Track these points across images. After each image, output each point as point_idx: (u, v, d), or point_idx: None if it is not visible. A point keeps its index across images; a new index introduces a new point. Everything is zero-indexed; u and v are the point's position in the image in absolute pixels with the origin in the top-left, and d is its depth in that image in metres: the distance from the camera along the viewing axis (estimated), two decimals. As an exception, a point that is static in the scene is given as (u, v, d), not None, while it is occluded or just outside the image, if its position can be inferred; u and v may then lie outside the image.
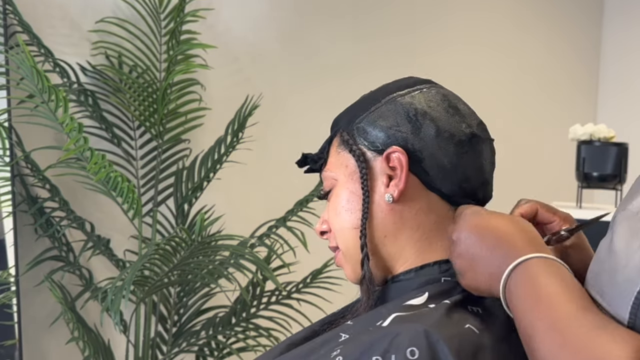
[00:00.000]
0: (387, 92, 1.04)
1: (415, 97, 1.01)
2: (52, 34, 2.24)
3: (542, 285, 0.82)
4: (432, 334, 0.84)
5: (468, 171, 0.99)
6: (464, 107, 1.03)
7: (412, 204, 0.99)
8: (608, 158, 2.91)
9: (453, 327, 0.87)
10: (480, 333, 0.88)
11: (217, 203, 2.43)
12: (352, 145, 1.02)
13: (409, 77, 1.08)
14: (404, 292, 0.97)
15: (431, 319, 0.88)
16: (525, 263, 0.85)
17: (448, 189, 0.99)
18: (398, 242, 1.00)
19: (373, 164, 1.01)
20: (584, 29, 4.16)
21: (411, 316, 0.90)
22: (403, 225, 1.00)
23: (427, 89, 1.03)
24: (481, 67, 3.58)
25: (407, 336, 0.84)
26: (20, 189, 2.15)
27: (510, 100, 3.74)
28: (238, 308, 2.30)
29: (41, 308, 2.24)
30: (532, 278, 0.83)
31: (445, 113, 1.00)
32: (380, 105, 1.02)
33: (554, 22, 3.97)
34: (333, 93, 2.87)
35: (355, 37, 3.03)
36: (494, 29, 3.67)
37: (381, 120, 1.01)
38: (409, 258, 1.00)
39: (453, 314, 0.90)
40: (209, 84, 2.48)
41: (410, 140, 0.99)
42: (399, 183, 0.98)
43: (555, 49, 3.97)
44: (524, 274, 0.84)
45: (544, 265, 0.84)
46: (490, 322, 0.91)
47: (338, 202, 1.03)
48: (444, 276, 0.97)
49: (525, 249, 0.86)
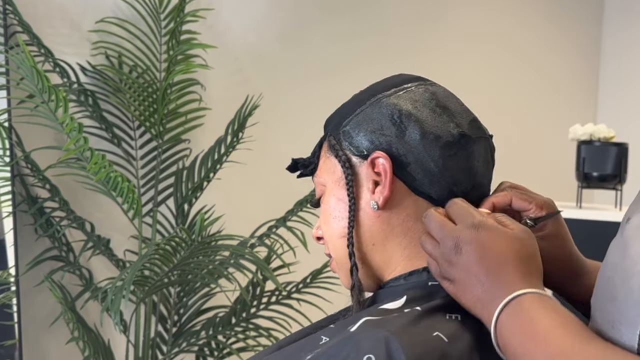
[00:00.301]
0: (372, 92, 1.00)
1: (401, 97, 0.97)
2: (52, 34, 2.24)
3: (537, 319, 0.80)
4: (392, 341, 0.81)
5: (457, 174, 0.95)
6: (455, 104, 0.98)
7: (399, 210, 0.96)
8: (608, 158, 2.91)
9: (418, 335, 0.84)
10: (449, 342, 0.84)
11: (217, 203, 2.43)
12: (338, 151, 0.98)
13: (398, 74, 1.03)
14: (391, 298, 0.94)
15: (396, 325, 0.84)
16: (519, 298, 0.82)
17: (437, 193, 0.95)
18: (387, 250, 0.97)
19: (359, 170, 0.97)
20: (584, 28, 4.16)
21: (378, 321, 0.87)
22: (391, 232, 0.96)
23: (415, 87, 0.99)
24: (481, 66, 3.58)
25: (367, 342, 0.82)
26: (20, 189, 2.15)
27: (510, 100, 3.74)
28: (238, 308, 2.30)
29: (41, 308, 2.24)
30: (526, 312, 0.81)
31: (431, 114, 0.96)
32: (365, 107, 0.98)
33: (554, 22, 3.97)
34: (333, 93, 2.87)
35: (355, 36, 3.03)
36: (494, 28, 3.67)
37: (365, 124, 0.97)
38: (398, 265, 0.96)
39: (423, 320, 0.87)
40: (209, 84, 2.48)
41: (394, 144, 0.95)
42: (383, 190, 0.94)
43: (555, 49, 3.97)
44: (517, 307, 0.82)
45: (538, 301, 0.82)
46: (467, 330, 0.87)
47: (326, 209, 1.01)
48: (432, 280, 0.93)
49: (521, 282, 0.83)
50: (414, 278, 0.95)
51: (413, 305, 0.90)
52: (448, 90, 1.01)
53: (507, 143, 3.47)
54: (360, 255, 0.98)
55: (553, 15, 3.96)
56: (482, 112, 1.10)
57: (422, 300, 0.91)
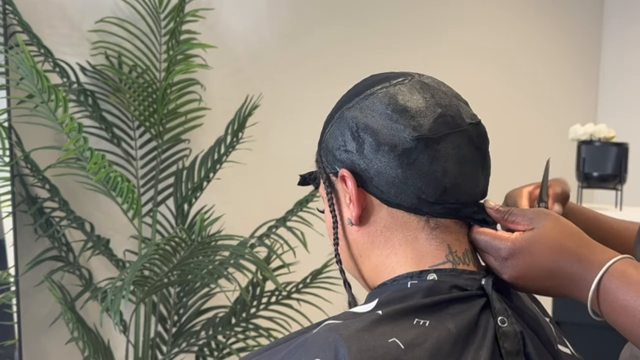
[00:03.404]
0: (339, 105, 0.98)
1: (361, 108, 0.94)
2: (52, 34, 2.24)
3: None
4: (341, 346, 0.80)
5: (419, 182, 0.90)
6: (418, 102, 0.92)
7: (376, 222, 0.94)
8: (608, 158, 2.91)
9: (371, 340, 0.82)
10: (406, 348, 0.82)
11: (217, 203, 2.43)
12: (320, 168, 0.98)
13: (370, 76, 1.00)
14: (366, 301, 0.93)
15: (350, 330, 0.83)
16: (617, 263, 0.86)
17: (407, 202, 0.92)
18: (372, 261, 0.96)
19: (337, 187, 0.97)
20: (584, 28, 4.16)
21: (336, 325, 0.85)
22: (372, 244, 0.95)
23: (377, 90, 0.95)
24: (481, 66, 3.58)
25: (316, 345, 0.82)
26: (20, 189, 2.14)
27: (510, 99, 3.74)
28: (238, 308, 2.30)
29: (41, 308, 2.24)
30: (626, 270, 0.85)
31: (387, 121, 0.91)
32: (334, 121, 0.97)
33: (554, 22, 3.97)
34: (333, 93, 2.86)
35: (355, 36, 3.03)
36: (494, 28, 3.67)
37: (333, 140, 0.96)
38: (383, 273, 0.95)
39: (381, 325, 0.84)
40: (209, 84, 2.48)
41: (356, 160, 0.93)
42: (353, 208, 0.94)
43: (555, 49, 3.97)
44: (619, 271, 0.85)
45: (629, 261, 0.86)
46: (432, 337, 0.84)
47: (327, 221, 1.01)
48: (412, 280, 0.91)
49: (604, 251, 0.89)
50: (396, 284, 0.93)
51: (378, 309, 0.88)
52: (419, 81, 0.96)
53: (507, 143, 3.47)
54: (354, 266, 0.99)
55: (553, 15, 3.96)
56: (482, 112, 1.09)
57: (392, 304, 0.88)
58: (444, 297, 0.89)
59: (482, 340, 0.87)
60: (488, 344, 0.87)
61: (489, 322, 0.89)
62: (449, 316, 0.87)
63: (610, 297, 0.85)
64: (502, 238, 0.92)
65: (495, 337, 0.89)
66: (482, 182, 0.96)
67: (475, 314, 0.89)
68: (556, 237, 0.89)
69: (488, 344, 0.87)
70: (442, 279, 0.91)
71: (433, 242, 0.93)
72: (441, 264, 0.92)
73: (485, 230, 0.94)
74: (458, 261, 0.93)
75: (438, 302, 0.88)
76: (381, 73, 0.99)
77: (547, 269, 0.89)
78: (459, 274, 0.92)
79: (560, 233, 0.90)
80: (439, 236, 0.93)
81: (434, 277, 0.91)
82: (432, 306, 0.88)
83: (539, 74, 3.88)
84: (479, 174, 0.95)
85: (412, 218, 0.93)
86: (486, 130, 0.97)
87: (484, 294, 0.91)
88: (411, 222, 0.93)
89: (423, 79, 0.96)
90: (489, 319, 0.90)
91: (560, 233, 0.90)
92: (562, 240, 0.89)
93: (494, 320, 0.89)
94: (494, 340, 0.88)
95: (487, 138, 0.97)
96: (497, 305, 0.90)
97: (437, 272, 0.91)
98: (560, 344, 0.97)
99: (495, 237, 0.92)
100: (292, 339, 0.91)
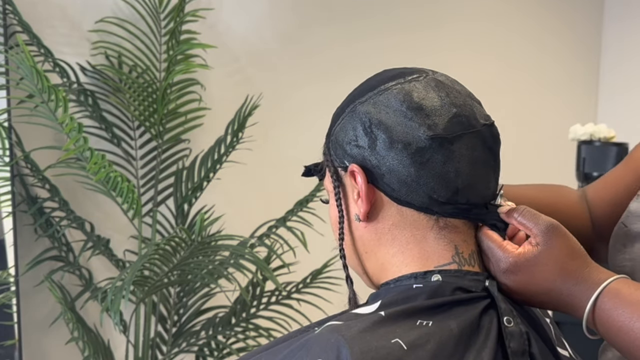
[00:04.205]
0: (351, 99, 0.96)
1: (375, 103, 0.92)
2: (52, 34, 2.24)
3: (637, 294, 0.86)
4: (344, 347, 0.80)
5: (432, 182, 0.89)
6: (434, 101, 0.91)
7: (384, 220, 0.93)
8: (608, 158, 2.91)
9: (373, 341, 0.81)
10: (408, 349, 0.81)
11: (217, 203, 2.43)
12: (328, 161, 0.96)
13: (383, 71, 0.98)
14: (369, 302, 0.92)
15: (352, 331, 0.83)
16: (613, 283, 0.87)
17: (418, 201, 0.90)
18: (378, 258, 0.95)
19: (345, 181, 0.96)
20: (585, 28, 4.15)
21: (339, 326, 0.85)
22: (379, 241, 0.93)
23: (392, 86, 0.93)
24: (480, 66, 3.58)
25: (319, 346, 0.82)
26: (20, 189, 2.15)
27: (510, 99, 3.74)
28: (238, 308, 2.30)
29: (41, 308, 2.24)
30: (621, 290, 0.86)
31: (402, 119, 0.90)
32: (345, 115, 0.95)
33: (554, 22, 3.97)
34: (333, 93, 2.86)
35: (355, 36, 3.03)
36: (494, 28, 3.67)
37: (343, 134, 0.94)
38: (389, 271, 0.94)
39: (384, 326, 0.84)
40: (209, 84, 2.48)
41: (367, 156, 0.91)
42: (361, 204, 0.92)
43: (555, 49, 3.97)
44: (614, 291, 0.87)
45: (630, 282, 0.88)
46: (435, 338, 0.84)
47: (331, 215, 0.99)
48: (417, 283, 0.90)
49: (600, 271, 0.90)
50: (400, 284, 0.93)
51: (381, 310, 0.88)
52: (434, 79, 0.94)
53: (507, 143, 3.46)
54: (358, 263, 0.98)
55: (553, 15, 3.96)
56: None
57: (395, 305, 0.88)
58: (447, 299, 0.88)
59: (485, 341, 0.87)
60: (491, 344, 0.87)
61: (492, 322, 0.89)
62: (451, 317, 0.87)
63: (605, 317, 0.86)
64: (506, 250, 0.91)
65: (498, 337, 0.89)
66: (493, 183, 0.95)
67: (477, 315, 0.88)
68: (561, 259, 0.89)
69: (491, 345, 0.87)
70: (446, 280, 0.90)
71: (441, 242, 0.92)
72: (447, 264, 0.92)
73: (492, 235, 0.93)
74: (464, 262, 0.92)
75: (441, 304, 0.88)
76: (394, 68, 0.98)
77: (545, 288, 0.89)
78: (463, 275, 0.91)
79: (566, 256, 0.89)
80: (447, 236, 0.92)
81: (438, 279, 0.91)
82: (435, 308, 0.88)
83: (539, 74, 3.88)
84: (491, 176, 0.94)
85: (422, 217, 0.92)
86: (499, 132, 0.96)
87: (487, 295, 0.91)
88: (420, 221, 0.92)
89: (437, 77, 0.95)
90: (492, 319, 0.89)
91: (566, 256, 0.89)
92: (565, 264, 0.89)
93: (500, 321, 0.89)
94: (496, 341, 0.88)
95: (499, 139, 0.96)
96: (503, 305, 0.90)
97: (441, 273, 0.91)
98: (559, 346, 0.97)
99: (500, 246, 0.92)
100: (292, 338, 0.91)
